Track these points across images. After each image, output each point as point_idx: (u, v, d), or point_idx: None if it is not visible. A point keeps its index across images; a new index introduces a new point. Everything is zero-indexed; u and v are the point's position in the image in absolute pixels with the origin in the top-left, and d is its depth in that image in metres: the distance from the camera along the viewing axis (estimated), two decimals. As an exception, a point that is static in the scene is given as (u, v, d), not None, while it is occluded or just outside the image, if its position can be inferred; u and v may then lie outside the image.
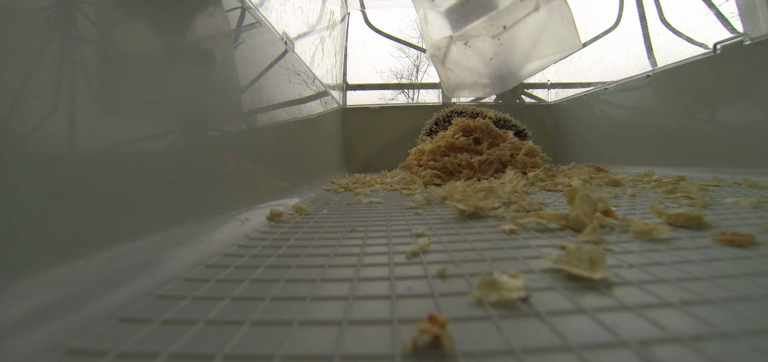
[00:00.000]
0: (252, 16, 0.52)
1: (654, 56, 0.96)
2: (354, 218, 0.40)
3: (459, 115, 0.99)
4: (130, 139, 0.26)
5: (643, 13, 1.01)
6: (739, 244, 0.24)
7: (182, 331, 0.15)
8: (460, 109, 1.04)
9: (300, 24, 0.82)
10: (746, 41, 0.66)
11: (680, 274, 0.20)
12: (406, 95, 1.54)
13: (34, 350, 0.14)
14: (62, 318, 0.16)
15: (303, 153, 0.74)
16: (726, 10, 0.76)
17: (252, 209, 0.41)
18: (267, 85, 0.55)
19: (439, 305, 0.17)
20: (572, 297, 0.17)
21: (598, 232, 0.27)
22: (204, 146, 0.36)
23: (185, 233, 0.29)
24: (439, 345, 0.14)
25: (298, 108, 0.71)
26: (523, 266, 0.22)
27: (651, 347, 0.13)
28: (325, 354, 0.13)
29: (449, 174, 0.75)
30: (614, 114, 1.02)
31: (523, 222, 0.32)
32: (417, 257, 0.25)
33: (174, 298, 0.19)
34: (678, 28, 0.90)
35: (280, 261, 0.25)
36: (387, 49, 1.47)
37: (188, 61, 0.35)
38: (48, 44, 0.20)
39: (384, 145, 1.35)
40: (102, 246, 0.22)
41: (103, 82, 0.24)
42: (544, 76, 1.41)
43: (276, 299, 0.19)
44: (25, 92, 0.19)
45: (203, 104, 0.37)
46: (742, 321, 0.15)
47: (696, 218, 0.30)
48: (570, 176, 0.70)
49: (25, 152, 0.18)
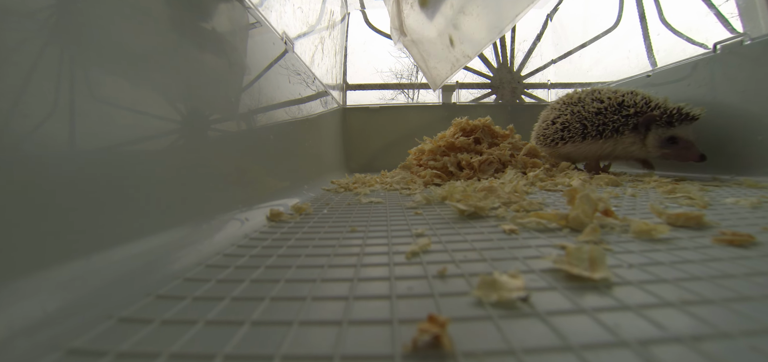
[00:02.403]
0: (252, 16, 0.52)
1: (654, 56, 0.96)
2: (354, 218, 0.40)
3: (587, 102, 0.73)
4: (130, 139, 0.26)
5: (643, 13, 1.01)
6: (739, 244, 0.24)
7: (182, 331, 0.15)
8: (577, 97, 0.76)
9: (300, 24, 0.82)
10: (746, 41, 0.66)
11: (680, 274, 0.20)
12: (406, 95, 1.54)
13: (34, 350, 0.14)
14: (62, 318, 0.16)
15: (303, 153, 0.74)
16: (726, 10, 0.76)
17: (252, 209, 0.41)
18: (267, 85, 0.55)
19: (439, 305, 0.17)
20: (572, 297, 0.17)
21: (598, 232, 0.27)
22: (204, 146, 0.36)
23: (185, 233, 0.29)
24: (439, 345, 0.14)
25: (298, 108, 0.71)
26: (523, 266, 0.22)
27: (651, 347, 0.13)
28: (325, 354, 0.13)
29: (449, 174, 0.75)
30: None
31: (523, 222, 0.32)
32: (417, 257, 0.25)
33: (174, 298, 0.19)
34: (678, 28, 0.90)
35: (280, 261, 0.25)
36: (387, 49, 1.47)
37: (188, 61, 0.35)
38: (48, 44, 0.20)
39: (384, 145, 1.35)
40: (102, 246, 0.22)
41: (103, 83, 0.24)
42: (544, 77, 1.41)
43: (276, 299, 0.19)
44: (25, 92, 0.19)
45: (203, 103, 0.37)
46: (742, 320, 0.15)
47: (696, 218, 0.29)
48: (570, 176, 0.70)
49: (25, 152, 0.18)
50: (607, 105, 0.70)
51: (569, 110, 0.76)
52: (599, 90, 0.74)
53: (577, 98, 0.76)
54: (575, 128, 0.74)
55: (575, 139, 0.74)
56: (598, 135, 0.70)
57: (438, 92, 1.39)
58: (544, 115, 0.85)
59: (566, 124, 0.76)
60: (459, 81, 1.38)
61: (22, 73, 0.19)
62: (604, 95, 0.72)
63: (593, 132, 0.71)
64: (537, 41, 1.42)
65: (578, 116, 0.74)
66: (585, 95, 0.75)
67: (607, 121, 0.69)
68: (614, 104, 0.70)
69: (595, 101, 0.72)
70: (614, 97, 0.70)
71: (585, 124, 0.72)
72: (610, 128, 0.69)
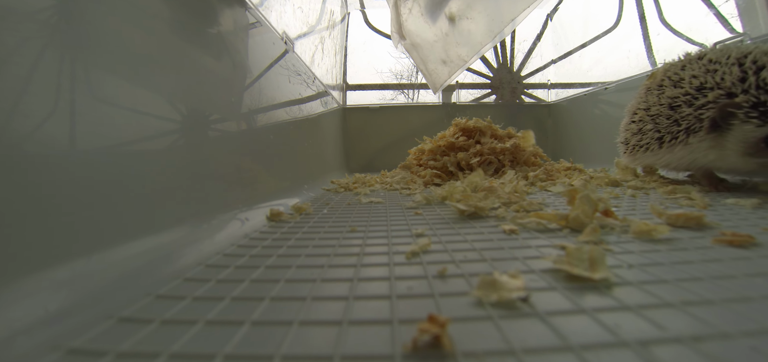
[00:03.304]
0: (252, 16, 0.52)
1: (654, 56, 0.96)
2: (354, 218, 0.40)
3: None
4: (130, 139, 0.26)
5: (643, 14, 1.01)
6: (739, 245, 0.24)
7: (182, 331, 0.15)
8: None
9: (300, 24, 0.82)
10: (746, 41, 0.66)
11: (680, 274, 0.20)
12: (406, 95, 1.54)
13: (34, 350, 0.14)
14: (62, 318, 0.16)
15: (303, 153, 0.74)
16: (726, 11, 0.76)
17: (252, 209, 0.41)
18: (267, 85, 0.55)
19: (439, 305, 0.17)
20: (572, 297, 0.17)
21: (598, 232, 0.27)
22: (204, 145, 0.36)
23: (185, 233, 0.29)
24: (439, 345, 0.14)
25: (299, 108, 0.71)
26: (523, 266, 0.22)
27: (651, 347, 0.13)
28: (325, 354, 0.13)
29: (449, 174, 0.75)
30: (614, 114, 1.02)
31: (523, 222, 0.32)
32: (417, 257, 0.25)
33: (174, 298, 0.19)
34: (678, 28, 0.90)
35: (280, 261, 0.25)
36: (387, 49, 1.47)
37: (188, 61, 0.35)
38: (48, 44, 0.20)
39: (384, 145, 1.35)
40: (102, 246, 0.22)
41: (103, 83, 0.24)
42: (544, 77, 1.41)
43: (276, 299, 0.19)
44: (25, 92, 0.19)
45: (203, 103, 0.37)
46: (742, 321, 0.15)
47: (696, 218, 0.29)
48: (570, 176, 0.70)
49: (25, 152, 0.18)
50: (686, 90, 0.46)
51: (646, 100, 0.53)
52: (687, 60, 0.50)
53: (660, 79, 0.52)
54: (648, 129, 0.52)
55: (652, 145, 0.51)
56: (672, 139, 0.48)
57: (438, 92, 1.39)
58: (629, 105, 0.59)
59: (642, 122, 0.53)
60: (459, 81, 1.38)
61: (22, 73, 0.19)
62: (688, 70, 0.47)
63: (668, 136, 0.48)
64: (537, 41, 1.42)
65: (653, 110, 0.51)
66: (668, 70, 0.51)
67: (681, 117, 0.47)
68: (692, 90, 0.46)
69: (672, 86, 0.49)
70: (699, 71, 0.46)
71: (658, 123, 0.50)
72: (682, 129, 0.46)
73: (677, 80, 0.48)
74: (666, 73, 0.51)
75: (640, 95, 0.55)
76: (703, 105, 0.44)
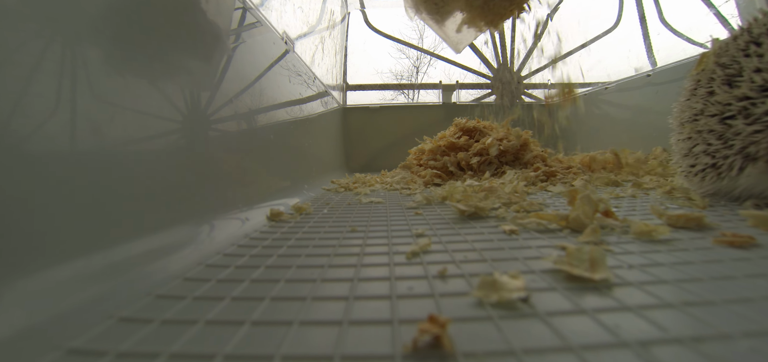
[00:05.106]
0: (252, 16, 0.52)
1: (654, 56, 0.96)
2: (354, 218, 0.40)
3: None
4: (130, 139, 0.26)
5: (643, 14, 1.01)
6: (740, 245, 0.24)
7: (182, 331, 0.15)
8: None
9: (300, 24, 0.82)
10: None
11: (680, 275, 0.20)
12: (406, 95, 1.54)
13: (35, 350, 0.14)
14: (62, 318, 0.16)
15: (303, 153, 0.74)
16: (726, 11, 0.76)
17: (252, 209, 0.41)
18: (267, 85, 0.55)
19: (440, 305, 0.17)
20: (572, 298, 0.17)
21: (599, 233, 0.27)
22: (204, 145, 0.36)
23: (185, 233, 0.29)
24: (439, 346, 0.14)
25: (299, 108, 0.71)
26: (523, 267, 0.22)
27: (651, 347, 0.13)
28: (325, 354, 0.13)
29: (450, 174, 0.75)
30: (614, 114, 1.02)
31: (524, 223, 0.32)
32: (417, 258, 0.25)
33: (174, 298, 0.19)
34: (678, 28, 0.90)
35: (281, 261, 0.25)
36: (387, 49, 1.47)
37: (189, 60, 0.35)
38: (49, 44, 0.20)
39: (384, 145, 1.35)
40: (102, 246, 0.22)
41: (103, 82, 0.24)
42: (544, 77, 1.41)
43: (276, 299, 0.19)
44: (25, 92, 0.19)
45: (204, 103, 0.37)
46: (743, 322, 0.15)
47: (696, 219, 0.29)
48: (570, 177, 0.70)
49: (25, 152, 0.18)
50: (744, 93, 0.33)
51: (692, 105, 0.39)
52: (755, 35, 0.34)
53: (710, 71, 0.37)
54: (699, 152, 0.38)
55: (708, 173, 0.37)
56: (728, 169, 0.35)
57: (438, 92, 1.39)
58: (675, 109, 0.44)
59: (691, 141, 0.39)
60: (459, 81, 1.38)
61: (23, 73, 0.19)
62: (750, 60, 0.33)
63: (723, 164, 0.35)
64: (537, 41, 1.42)
65: (701, 122, 0.37)
66: (720, 53, 0.37)
67: (733, 133, 0.34)
68: (753, 91, 0.32)
69: (724, 82, 0.35)
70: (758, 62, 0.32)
71: (710, 144, 0.36)
72: (736, 151, 0.34)
73: (733, 75, 0.33)
74: (718, 59, 0.35)
75: (686, 95, 0.40)
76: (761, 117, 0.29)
